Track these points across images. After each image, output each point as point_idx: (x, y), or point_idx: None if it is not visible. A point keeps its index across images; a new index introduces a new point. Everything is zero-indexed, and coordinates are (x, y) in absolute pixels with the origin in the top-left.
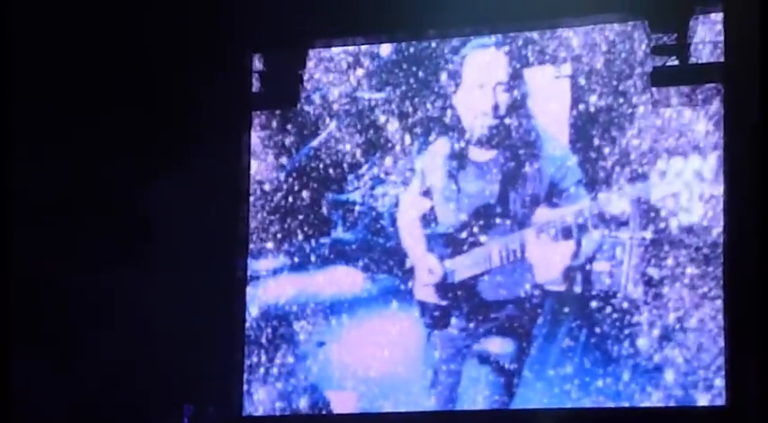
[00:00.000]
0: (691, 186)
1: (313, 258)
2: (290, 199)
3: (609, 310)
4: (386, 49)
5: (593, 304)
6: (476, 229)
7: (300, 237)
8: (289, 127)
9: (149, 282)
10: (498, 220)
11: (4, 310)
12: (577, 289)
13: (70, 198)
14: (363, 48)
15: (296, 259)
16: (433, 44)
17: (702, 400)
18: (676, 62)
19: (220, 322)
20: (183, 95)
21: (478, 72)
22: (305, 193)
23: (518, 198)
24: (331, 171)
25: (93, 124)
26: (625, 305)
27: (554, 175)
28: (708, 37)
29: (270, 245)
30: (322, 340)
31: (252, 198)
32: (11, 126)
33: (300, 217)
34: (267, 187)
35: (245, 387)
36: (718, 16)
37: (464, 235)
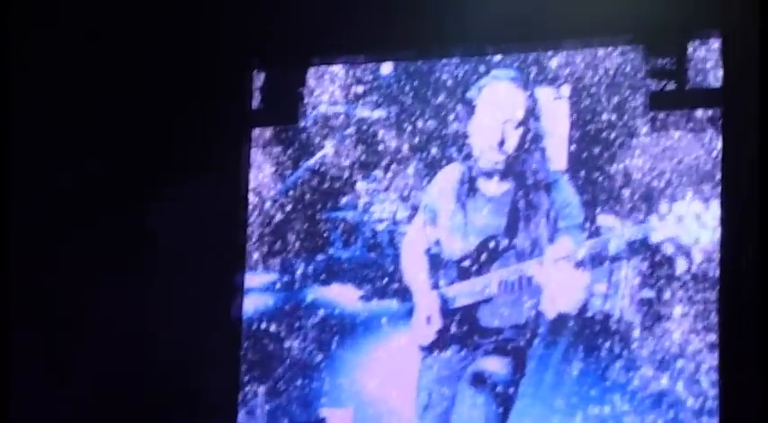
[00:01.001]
0: (690, 211)
1: (309, 275)
2: (288, 216)
3: (605, 333)
4: (388, 68)
5: (590, 327)
6: (481, 259)
7: (297, 253)
8: (288, 144)
9: (145, 296)
10: (504, 252)
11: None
12: (574, 311)
13: (71, 209)
14: (366, 65)
15: (291, 276)
16: (446, 66)
17: None
18: (675, 86)
19: (216, 338)
20: (184, 111)
21: (493, 105)
22: (303, 210)
23: (525, 230)
24: (330, 188)
25: (94, 137)
26: (622, 328)
27: (560, 206)
28: (706, 61)
29: (266, 261)
30: (316, 359)
31: (250, 214)
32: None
33: (297, 234)
34: (266, 204)
35: (240, 405)
36: (716, 40)
37: (467, 264)
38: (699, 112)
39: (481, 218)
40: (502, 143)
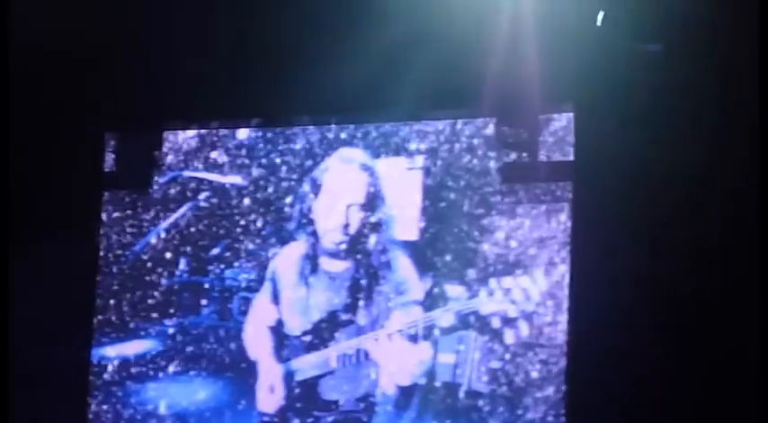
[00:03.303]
0: (539, 285)
1: (160, 340)
2: (139, 280)
3: (452, 402)
4: (243, 134)
5: (437, 396)
6: (322, 335)
7: (147, 318)
8: (140, 207)
9: None
10: (344, 327)
11: None
12: (422, 381)
13: None
14: (221, 131)
15: (142, 341)
16: (299, 136)
17: None
18: (527, 159)
19: (64, 414)
20: (35, 174)
21: (338, 189)
22: (153, 275)
23: (364, 306)
24: (181, 253)
25: None
26: (469, 398)
27: (399, 282)
28: (559, 135)
29: (115, 326)
30: None
31: (100, 279)
32: None
33: (147, 298)
34: (116, 268)
35: None
36: (569, 115)
37: (309, 338)
38: (550, 186)
39: (323, 294)
40: (345, 226)
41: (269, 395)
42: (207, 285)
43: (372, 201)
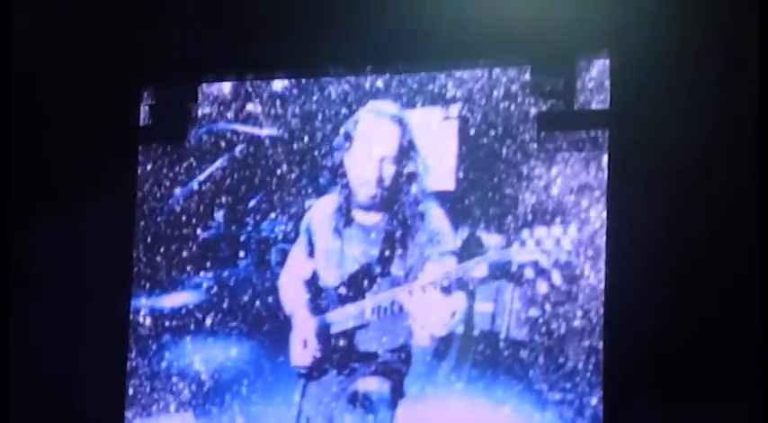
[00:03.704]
0: (575, 233)
1: (197, 292)
2: (177, 234)
3: (491, 351)
4: (278, 86)
5: (475, 346)
6: (357, 287)
7: (186, 273)
8: (177, 161)
9: (28, 323)
10: (379, 279)
11: None
12: (459, 329)
13: None
14: (256, 83)
15: (179, 294)
16: (331, 90)
17: None
18: (562, 107)
19: (104, 368)
20: (70, 128)
21: (369, 142)
22: (190, 227)
23: (399, 258)
24: (218, 205)
25: None
26: (509, 347)
27: (432, 233)
28: (594, 83)
29: (153, 279)
30: (199, 388)
31: (137, 232)
32: None
33: (186, 252)
34: (153, 221)
35: None
36: (605, 62)
37: (344, 291)
38: (587, 134)
39: (357, 246)
40: (378, 179)
41: (302, 349)
42: (243, 238)
43: (406, 152)
